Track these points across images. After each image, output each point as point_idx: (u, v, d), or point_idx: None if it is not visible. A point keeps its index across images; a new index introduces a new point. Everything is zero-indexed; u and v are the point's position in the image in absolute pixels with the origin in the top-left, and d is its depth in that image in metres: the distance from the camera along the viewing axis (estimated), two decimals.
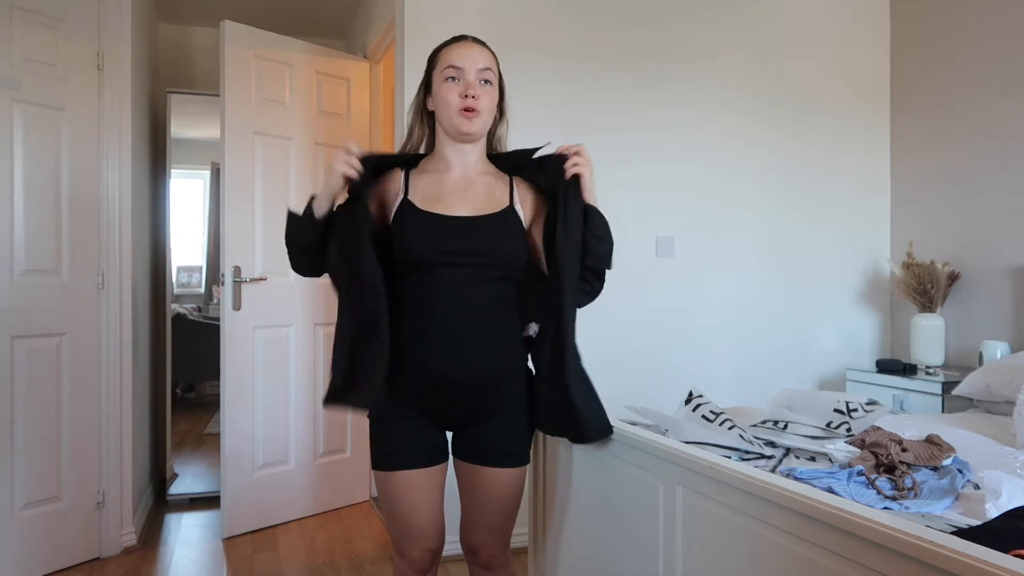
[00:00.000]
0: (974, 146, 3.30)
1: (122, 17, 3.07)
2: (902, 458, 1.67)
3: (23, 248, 2.75)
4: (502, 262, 1.60)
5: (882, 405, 2.19)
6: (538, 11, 3.16)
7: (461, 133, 1.61)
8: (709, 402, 2.02)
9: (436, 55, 1.67)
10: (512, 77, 1.81)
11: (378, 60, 3.86)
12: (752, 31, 3.47)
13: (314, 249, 1.62)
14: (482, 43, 1.67)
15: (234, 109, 3.28)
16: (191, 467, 4.21)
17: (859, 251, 3.66)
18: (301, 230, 1.62)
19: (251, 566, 2.95)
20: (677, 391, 2.16)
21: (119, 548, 3.05)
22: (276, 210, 3.44)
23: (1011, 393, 2.49)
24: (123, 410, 3.07)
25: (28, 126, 2.77)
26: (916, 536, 0.91)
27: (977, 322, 3.28)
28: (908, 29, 3.62)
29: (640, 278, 3.25)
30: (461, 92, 1.59)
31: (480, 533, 1.68)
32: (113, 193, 3.05)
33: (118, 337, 3.05)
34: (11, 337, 2.71)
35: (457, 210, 1.60)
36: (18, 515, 2.72)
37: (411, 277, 1.60)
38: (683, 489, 1.39)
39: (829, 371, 3.58)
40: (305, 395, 3.52)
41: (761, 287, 3.47)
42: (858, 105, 3.65)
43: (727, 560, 1.27)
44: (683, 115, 3.35)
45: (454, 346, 1.56)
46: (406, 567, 1.65)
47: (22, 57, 2.76)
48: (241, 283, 3.29)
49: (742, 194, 3.45)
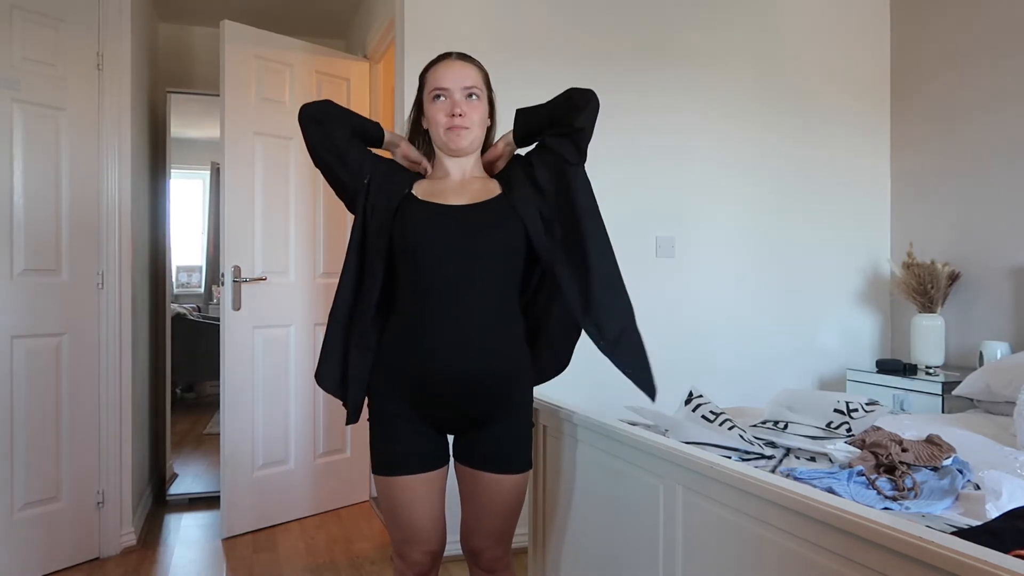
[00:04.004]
0: (974, 146, 3.30)
1: (122, 17, 3.07)
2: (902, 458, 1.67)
3: (23, 248, 2.75)
4: (500, 243, 1.60)
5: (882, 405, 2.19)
6: (537, 12, 3.16)
7: (452, 150, 1.67)
8: (709, 402, 2.03)
9: (424, 76, 1.71)
10: (511, 78, 1.82)
11: (378, 60, 3.86)
12: (752, 32, 3.47)
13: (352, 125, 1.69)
14: (467, 58, 1.69)
15: (234, 109, 3.28)
16: (191, 467, 4.21)
17: (859, 251, 3.66)
18: (366, 119, 1.73)
19: (251, 566, 2.95)
20: (677, 391, 2.16)
21: (119, 548, 3.05)
22: (276, 210, 3.44)
23: (1011, 393, 2.49)
24: (123, 410, 3.06)
25: (28, 126, 2.77)
26: (916, 536, 0.91)
27: (977, 322, 3.28)
28: (908, 30, 3.62)
29: (640, 278, 3.24)
30: (448, 111, 1.63)
31: (481, 538, 1.68)
32: (113, 193, 3.05)
33: (118, 337, 3.05)
34: (11, 337, 2.71)
35: (454, 201, 1.64)
36: (18, 515, 2.72)
37: (410, 270, 1.60)
38: (683, 489, 1.39)
39: (829, 371, 3.58)
40: (305, 395, 3.52)
41: (761, 287, 3.47)
42: (858, 105, 3.65)
43: (727, 560, 1.27)
44: (683, 116, 3.35)
45: (458, 346, 1.56)
46: (406, 569, 1.65)
47: (22, 57, 2.76)
48: (241, 283, 3.29)
49: (742, 194, 3.45)
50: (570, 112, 1.64)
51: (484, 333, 1.58)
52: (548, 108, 1.70)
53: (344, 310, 1.65)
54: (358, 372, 1.63)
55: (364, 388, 1.64)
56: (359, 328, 1.64)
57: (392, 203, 1.63)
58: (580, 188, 1.65)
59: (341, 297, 1.66)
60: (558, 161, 1.65)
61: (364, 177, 1.66)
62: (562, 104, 1.67)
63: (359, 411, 1.65)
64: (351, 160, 1.67)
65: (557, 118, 1.67)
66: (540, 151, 1.70)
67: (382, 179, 1.67)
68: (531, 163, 1.69)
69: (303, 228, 3.54)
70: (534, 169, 1.67)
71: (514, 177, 1.68)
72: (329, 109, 1.69)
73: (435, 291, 1.57)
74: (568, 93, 1.68)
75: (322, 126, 1.66)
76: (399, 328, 1.61)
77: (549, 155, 1.67)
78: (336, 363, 1.66)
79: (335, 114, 1.69)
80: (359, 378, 1.63)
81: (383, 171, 1.69)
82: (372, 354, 1.63)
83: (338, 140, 1.66)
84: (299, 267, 3.53)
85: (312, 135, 1.67)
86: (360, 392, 1.64)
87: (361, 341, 1.63)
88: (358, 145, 1.69)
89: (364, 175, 1.66)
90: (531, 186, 1.66)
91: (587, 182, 1.67)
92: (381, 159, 1.72)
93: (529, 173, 1.67)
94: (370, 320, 1.63)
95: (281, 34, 3.52)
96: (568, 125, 1.64)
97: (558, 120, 1.66)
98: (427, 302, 1.58)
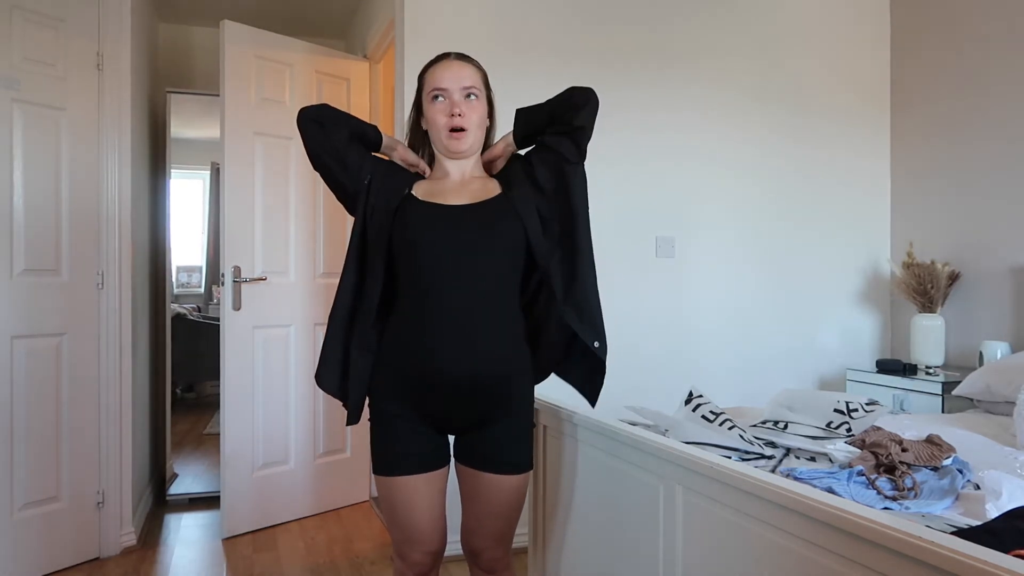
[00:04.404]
0: (974, 146, 3.30)
1: (122, 17, 3.07)
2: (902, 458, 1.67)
3: (23, 248, 2.75)
4: (500, 242, 1.60)
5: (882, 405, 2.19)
6: (538, 11, 3.16)
7: (451, 152, 1.67)
8: (709, 402, 2.03)
9: (423, 76, 1.71)
10: (511, 77, 1.82)
11: (378, 60, 3.86)
12: (752, 32, 3.47)
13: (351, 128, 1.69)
14: (466, 58, 1.69)
15: (234, 109, 3.28)
16: (191, 467, 4.21)
17: (859, 251, 3.66)
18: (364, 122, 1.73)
19: (251, 566, 2.95)
20: (677, 391, 2.16)
21: (119, 548, 3.05)
22: (276, 210, 3.44)
23: (1011, 393, 2.49)
24: (123, 410, 3.06)
25: (28, 126, 2.77)
26: (916, 536, 0.91)
27: (977, 322, 3.28)
28: (908, 29, 3.62)
29: (640, 278, 3.24)
30: (447, 112, 1.63)
31: (482, 538, 1.68)
32: (113, 193, 3.05)
33: (118, 337, 3.05)
34: (11, 337, 2.71)
35: (454, 201, 1.64)
36: (17, 515, 2.72)
37: (410, 270, 1.60)
38: (683, 489, 1.39)
39: (829, 371, 3.58)
40: (305, 395, 3.52)
41: (761, 287, 3.47)
42: (858, 105, 3.65)
43: (727, 560, 1.27)
44: (683, 115, 3.35)
45: (458, 346, 1.56)
46: (407, 569, 1.65)
47: (22, 57, 2.76)
48: (241, 283, 3.29)
49: (742, 194, 3.45)
50: (570, 110, 1.65)
51: (484, 333, 1.58)
52: (548, 107, 1.70)
53: (344, 312, 1.66)
54: (359, 373, 1.63)
55: (365, 389, 1.64)
56: (359, 329, 1.64)
57: (392, 203, 1.63)
58: (577, 187, 1.66)
59: (341, 299, 1.66)
60: (558, 160, 1.65)
61: (364, 178, 1.66)
62: (562, 103, 1.67)
63: (360, 412, 1.65)
64: (351, 162, 1.67)
65: (557, 116, 1.67)
66: (540, 150, 1.70)
67: (382, 180, 1.67)
68: (531, 162, 1.69)
69: (303, 228, 3.54)
70: (534, 168, 1.68)
71: (514, 176, 1.68)
72: (328, 112, 1.69)
73: (435, 291, 1.57)
74: (568, 92, 1.68)
75: (323, 128, 1.67)
76: (399, 328, 1.61)
77: (549, 154, 1.67)
78: (336, 364, 1.66)
79: (334, 117, 1.69)
80: (360, 379, 1.63)
81: (383, 172, 1.69)
82: (372, 355, 1.63)
83: (338, 143, 1.66)
84: (299, 267, 3.53)
85: (312, 138, 1.67)
86: (361, 393, 1.64)
87: (361, 342, 1.63)
88: (357, 147, 1.69)
89: (364, 176, 1.67)
90: (531, 185, 1.66)
91: (584, 181, 1.67)
92: (380, 161, 1.73)
93: (529, 172, 1.68)
94: (371, 321, 1.63)
95: (281, 34, 3.52)
96: (568, 123, 1.64)
97: (558, 118, 1.66)
98: (427, 302, 1.58)
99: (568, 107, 1.65)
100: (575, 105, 1.65)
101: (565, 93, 1.68)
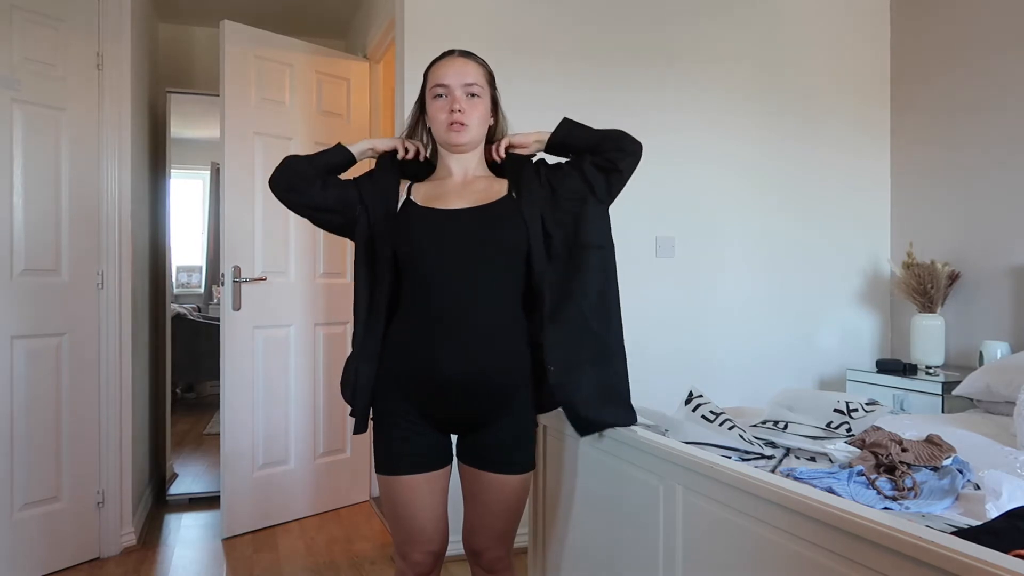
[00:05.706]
0: (974, 146, 3.30)
1: (122, 17, 3.07)
2: (902, 458, 1.67)
3: (23, 248, 2.75)
4: (502, 247, 1.60)
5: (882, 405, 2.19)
6: (538, 12, 3.16)
7: (452, 145, 1.67)
8: (709, 402, 2.02)
9: (427, 73, 1.71)
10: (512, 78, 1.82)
11: (378, 60, 3.86)
12: (752, 33, 3.47)
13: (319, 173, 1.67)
14: (469, 55, 1.69)
15: (234, 109, 3.28)
16: (191, 467, 4.21)
17: (859, 251, 3.65)
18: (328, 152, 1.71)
19: (251, 566, 2.95)
20: (677, 391, 2.16)
21: (119, 548, 3.05)
22: (276, 210, 3.43)
23: (1011, 393, 2.49)
24: (123, 410, 3.06)
25: (28, 126, 2.77)
26: (916, 536, 0.91)
27: (977, 322, 3.28)
28: (908, 30, 3.62)
29: (640, 278, 3.24)
30: (447, 108, 1.63)
31: (483, 538, 1.68)
32: (113, 193, 3.05)
33: (118, 337, 3.05)
34: (11, 337, 2.71)
35: (456, 205, 1.63)
36: (17, 515, 2.72)
37: (413, 276, 1.61)
38: (683, 489, 1.39)
39: (829, 371, 3.58)
40: (305, 395, 3.52)
41: (761, 287, 3.47)
42: (858, 105, 3.65)
43: (727, 560, 1.27)
44: (683, 116, 3.35)
45: (460, 347, 1.56)
46: (408, 569, 1.65)
47: (22, 57, 2.76)
48: (241, 283, 3.29)
49: (742, 194, 3.45)
50: (618, 152, 1.65)
51: (487, 335, 1.58)
52: (596, 134, 1.69)
53: (360, 328, 1.66)
54: (364, 381, 1.63)
55: (369, 397, 1.64)
56: (364, 338, 1.64)
57: (390, 206, 1.63)
58: (595, 222, 1.65)
59: (358, 315, 1.66)
60: (586, 191, 1.65)
61: (355, 209, 1.66)
62: (613, 139, 1.67)
63: (366, 421, 1.65)
64: (333, 204, 1.67)
65: (602, 150, 1.66)
66: (571, 169, 1.69)
67: (372, 195, 1.66)
68: (552, 173, 1.68)
69: (303, 228, 3.53)
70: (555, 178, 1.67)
71: (525, 181, 1.67)
72: (292, 172, 1.66)
73: (437, 295, 1.57)
74: (621, 133, 1.68)
75: (295, 191, 1.66)
76: (402, 330, 1.62)
77: (579, 181, 1.66)
78: (351, 374, 1.66)
79: (300, 174, 1.66)
80: (364, 388, 1.63)
81: (369, 189, 1.68)
82: (376, 362, 1.63)
83: (316, 197, 1.66)
84: (299, 267, 3.53)
85: (295, 204, 1.68)
86: (365, 401, 1.64)
87: (364, 351, 1.63)
88: (335, 184, 1.68)
89: (354, 207, 1.66)
90: (543, 194, 1.65)
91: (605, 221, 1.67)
92: (361, 180, 1.71)
93: (546, 181, 1.67)
94: (375, 328, 1.63)
95: (281, 34, 3.52)
96: (612, 163, 1.65)
97: (602, 152, 1.66)
98: (429, 305, 1.58)
99: (617, 148, 1.65)
100: (624, 149, 1.65)
101: (617, 132, 1.68)
